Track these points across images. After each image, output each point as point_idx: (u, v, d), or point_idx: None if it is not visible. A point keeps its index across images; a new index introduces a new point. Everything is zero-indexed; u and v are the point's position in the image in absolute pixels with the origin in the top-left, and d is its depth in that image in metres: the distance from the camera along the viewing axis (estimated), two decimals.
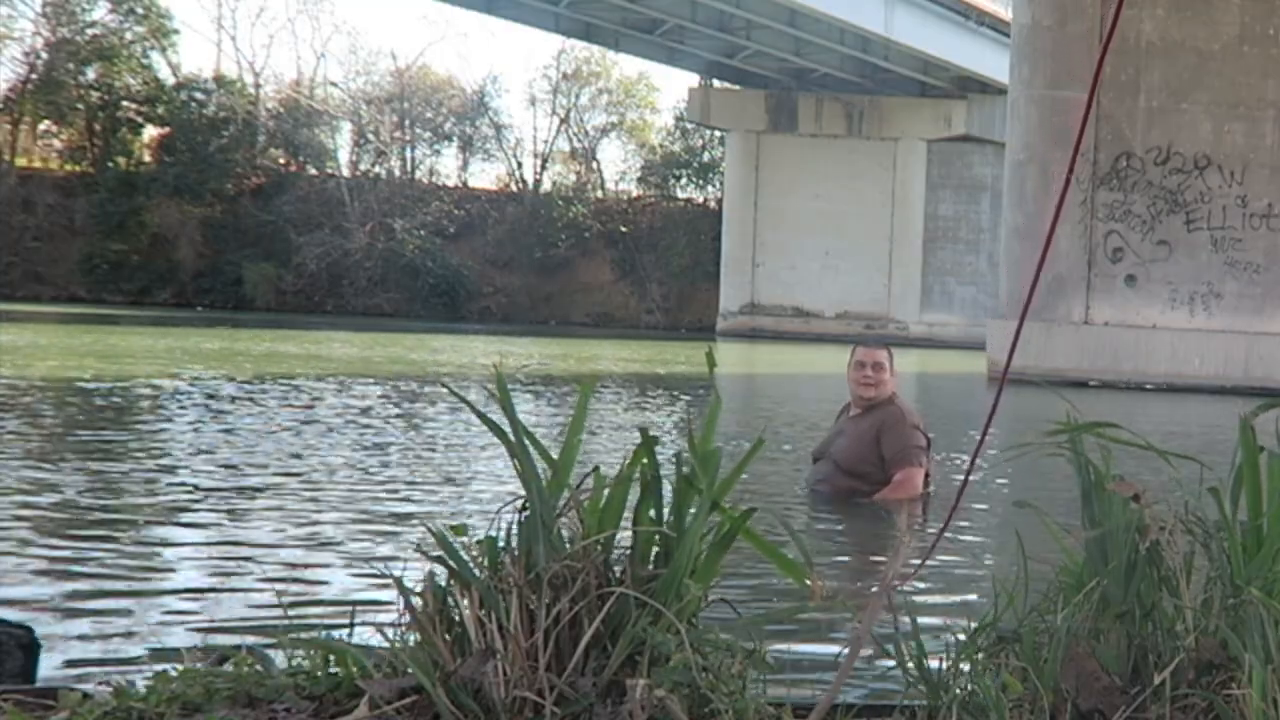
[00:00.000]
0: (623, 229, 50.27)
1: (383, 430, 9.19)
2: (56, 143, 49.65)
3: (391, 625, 2.03)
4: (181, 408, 10.32)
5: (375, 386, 13.80)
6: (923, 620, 2.20)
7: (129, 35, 48.20)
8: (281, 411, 10.26)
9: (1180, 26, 21.08)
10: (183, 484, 6.18)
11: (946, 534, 5.42)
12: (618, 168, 54.94)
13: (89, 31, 47.82)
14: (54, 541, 4.65)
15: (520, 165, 53.25)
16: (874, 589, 2.04)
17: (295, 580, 4.14)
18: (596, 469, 2.05)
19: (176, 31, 48.91)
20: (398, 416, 10.47)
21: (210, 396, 11.37)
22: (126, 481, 6.21)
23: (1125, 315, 21.42)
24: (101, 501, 5.57)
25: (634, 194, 52.97)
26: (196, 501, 5.67)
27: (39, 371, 13.39)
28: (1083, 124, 2.71)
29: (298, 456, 7.46)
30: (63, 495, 5.65)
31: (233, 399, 11.16)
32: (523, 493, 2.03)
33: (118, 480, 6.22)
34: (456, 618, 1.99)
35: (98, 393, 11.34)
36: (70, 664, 3.08)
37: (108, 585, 4.00)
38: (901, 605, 2.10)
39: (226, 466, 6.89)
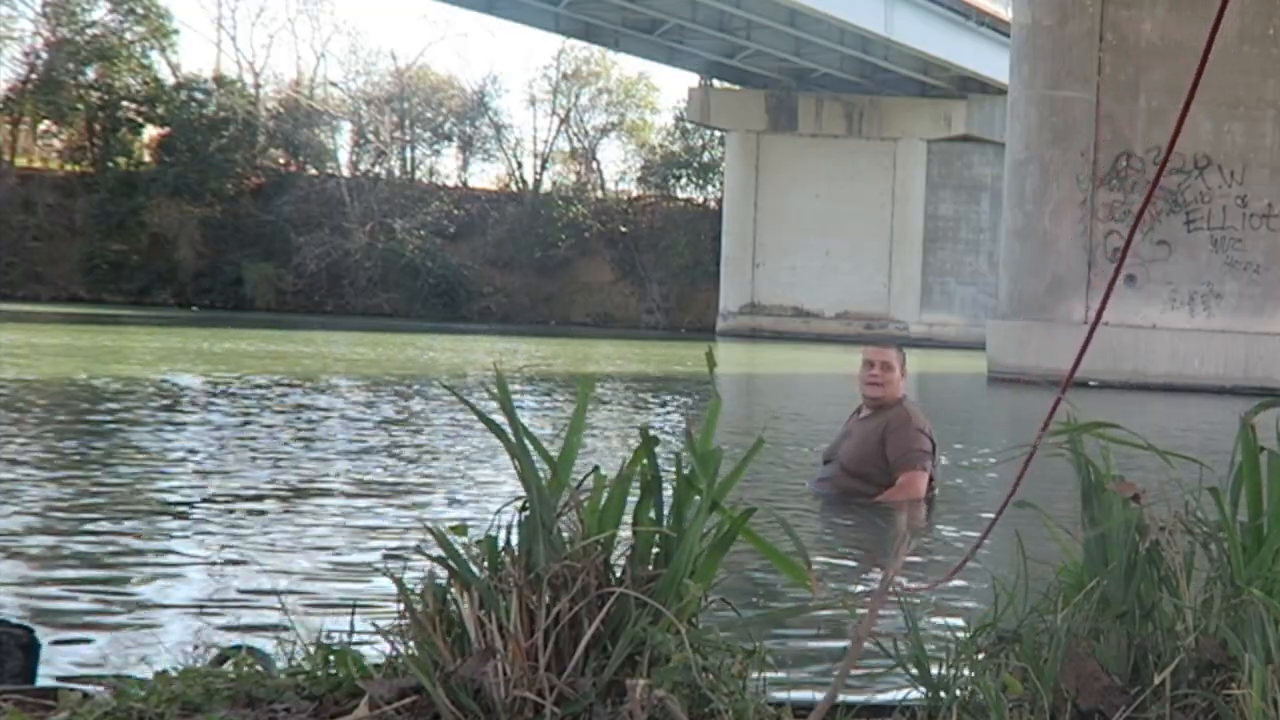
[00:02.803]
0: (623, 229, 50.25)
1: (382, 430, 9.18)
2: (56, 143, 49.66)
3: (391, 625, 2.03)
4: (181, 408, 10.32)
5: (375, 386, 13.79)
6: (923, 620, 2.20)
7: (129, 35, 48.23)
8: (281, 412, 10.25)
9: (1180, 26, 21.05)
10: (182, 484, 6.18)
11: (947, 532, 5.40)
12: (618, 168, 55.04)
13: (89, 31, 47.83)
14: (54, 542, 4.65)
15: (520, 165, 53.33)
16: (874, 588, 2.04)
17: (295, 580, 4.13)
18: (596, 469, 2.05)
19: (176, 31, 49.01)
20: (397, 416, 10.47)
21: (209, 397, 11.36)
22: (127, 482, 6.21)
23: (1125, 315, 21.40)
24: (102, 502, 5.57)
25: (634, 194, 52.96)
26: (196, 501, 5.67)
27: (39, 372, 13.38)
28: (1175, 132, 2.62)
29: (297, 457, 7.46)
30: (63, 496, 5.65)
31: (232, 399, 11.15)
32: (523, 493, 2.03)
33: (118, 481, 6.22)
34: (456, 618, 1.99)
35: (97, 393, 11.34)
36: (70, 664, 3.07)
37: (108, 586, 4.00)
38: (901, 605, 2.10)
39: (226, 467, 6.88)
